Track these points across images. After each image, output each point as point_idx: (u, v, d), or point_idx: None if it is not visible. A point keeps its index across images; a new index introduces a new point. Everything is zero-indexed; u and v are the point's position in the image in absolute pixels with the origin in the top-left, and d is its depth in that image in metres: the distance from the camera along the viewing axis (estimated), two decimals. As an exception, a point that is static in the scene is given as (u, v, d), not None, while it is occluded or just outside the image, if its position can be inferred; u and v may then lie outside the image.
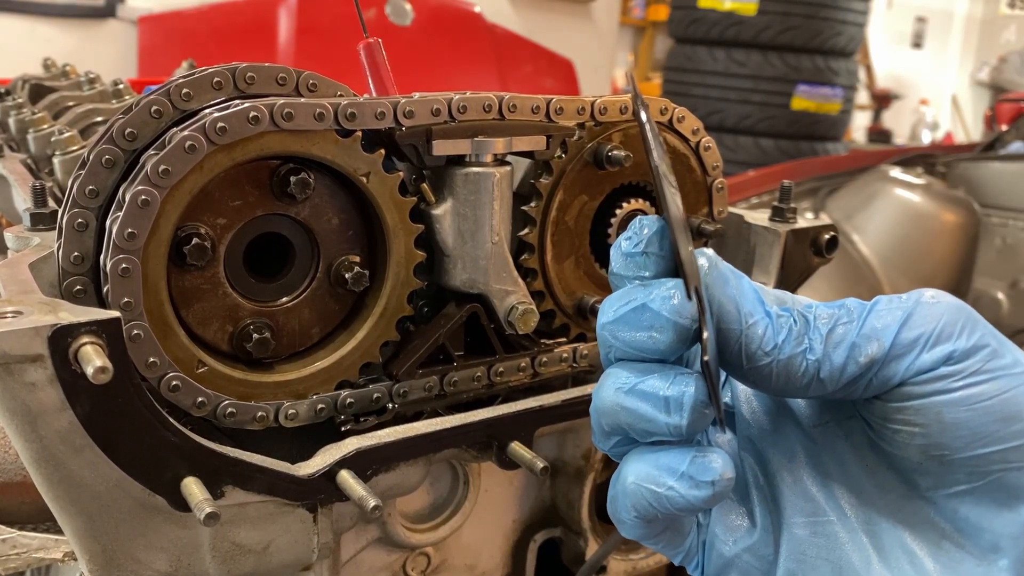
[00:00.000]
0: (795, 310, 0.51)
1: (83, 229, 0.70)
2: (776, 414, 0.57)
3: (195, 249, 0.69)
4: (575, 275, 0.90)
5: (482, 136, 0.80)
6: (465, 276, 0.83)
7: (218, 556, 0.71)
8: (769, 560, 0.55)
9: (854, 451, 0.54)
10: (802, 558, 0.54)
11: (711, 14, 5.72)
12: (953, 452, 0.48)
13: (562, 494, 0.95)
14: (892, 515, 0.53)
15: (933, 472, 0.50)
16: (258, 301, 0.76)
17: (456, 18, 4.61)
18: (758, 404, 0.58)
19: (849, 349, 0.49)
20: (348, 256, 0.79)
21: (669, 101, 0.91)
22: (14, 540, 0.99)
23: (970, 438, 0.48)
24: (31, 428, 0.59)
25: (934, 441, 0.49)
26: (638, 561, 1.01)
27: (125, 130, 0.69)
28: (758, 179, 3.39)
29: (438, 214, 0.81)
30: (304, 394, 0.77)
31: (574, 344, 0.92)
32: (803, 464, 0.55)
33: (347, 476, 0.72)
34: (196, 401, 0.71)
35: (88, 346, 0.56)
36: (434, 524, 0.88)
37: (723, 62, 5.67)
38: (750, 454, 0.57)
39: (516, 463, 0.82)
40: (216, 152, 0.68)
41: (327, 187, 0.76)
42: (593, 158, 0.87)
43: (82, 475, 0.62)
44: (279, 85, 0.75)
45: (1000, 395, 0.48)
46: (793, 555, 0.54)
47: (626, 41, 10.19)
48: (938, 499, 0.51)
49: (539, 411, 0.85)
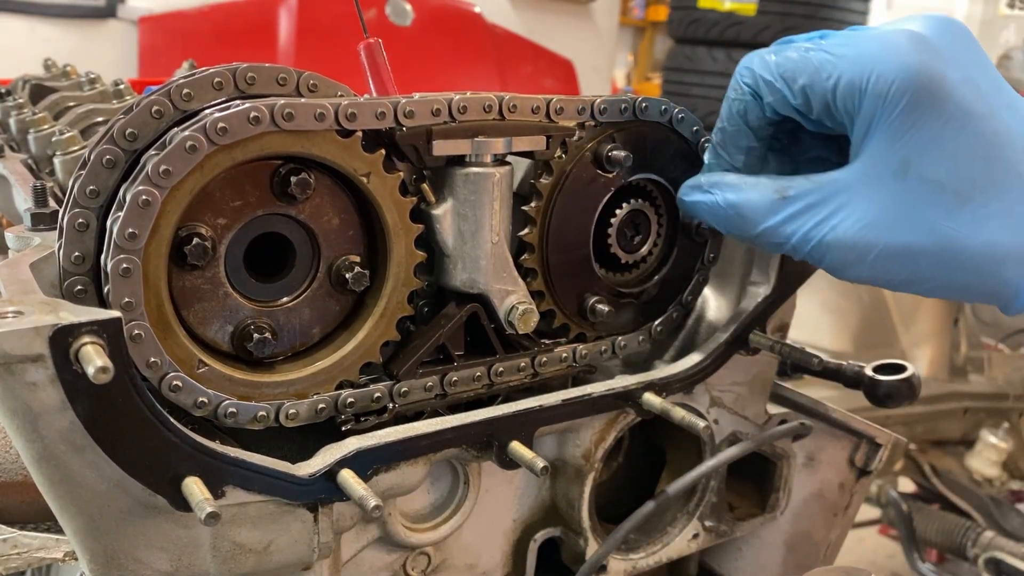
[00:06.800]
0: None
1: (84, 229, 0.70)
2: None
3: (196, 249, 0.70)
4: (575, 275, 0.90)
5: (482, 136, 0.80)
6: (465, 276, 0.83)
7: (219, 556, 0.71)
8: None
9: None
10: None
11: (711, 14, 5.72)
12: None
13: (562, 494, 0.95)
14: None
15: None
16: (259, 301, 0.76)
17: (456, 18, 4.61)
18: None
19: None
20: (348, 256, 0.79)
21: (669, 101, 0.91)
22: (15, 540, 0.99)
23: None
24: (32, 428, 0.59)
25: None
26: (638, 561, 1.01)
27: (126, 130, 0.69)
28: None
29: (438, 214, 0.81)
30: (305, 394, 0.77)
31: (574, 344, 0.92)
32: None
33: (347, 476, 0.73)
34: (197, 401, 0.71)
35: (89, 346, 0.56)
36: (434, 524, 0.88)
37: (723, 62, 5.67)
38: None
39: (516, 463, 0.82)
40: (217, 152, 0.68)
41: (327, 187, 0.77)
42: (593, 158, 0.87)
43: (83, 475, 0.62)
44: (279, 85, 0.75)
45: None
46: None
47: (626, 41, 10.18)
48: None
49: (539, 411, 0.85)
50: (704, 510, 1.04)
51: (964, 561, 2.81)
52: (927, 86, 0.71)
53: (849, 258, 0.75)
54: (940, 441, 3.11)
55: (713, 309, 1.06)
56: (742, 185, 0.82)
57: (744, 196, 0.81)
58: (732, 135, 0.84)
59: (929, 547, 2.90)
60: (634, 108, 0.89)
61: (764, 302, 0.99)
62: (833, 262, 0.76)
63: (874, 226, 0.74)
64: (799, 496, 1.13)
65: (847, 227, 0.74)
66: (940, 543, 2.84)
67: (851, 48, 0.75)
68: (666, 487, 0.95)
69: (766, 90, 0.80)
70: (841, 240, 0.75)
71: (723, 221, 0.83)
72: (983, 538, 2.72)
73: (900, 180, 0.73)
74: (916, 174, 0.72)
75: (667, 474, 1.06)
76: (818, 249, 0.76)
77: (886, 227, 0.73)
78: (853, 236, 0.74)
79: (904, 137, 0.72)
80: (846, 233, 0.74)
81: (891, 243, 0.73)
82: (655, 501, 0.94)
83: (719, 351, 0.98)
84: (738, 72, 0.83)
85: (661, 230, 0.95)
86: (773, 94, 0.79)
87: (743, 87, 0.82)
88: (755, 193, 0.80)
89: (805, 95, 0.77)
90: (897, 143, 0.72)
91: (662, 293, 0.97)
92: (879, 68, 0.72)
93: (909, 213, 0.73)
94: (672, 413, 0.90)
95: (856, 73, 0.74)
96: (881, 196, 0.73)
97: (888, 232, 0.73)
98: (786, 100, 0.79)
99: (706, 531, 1.05)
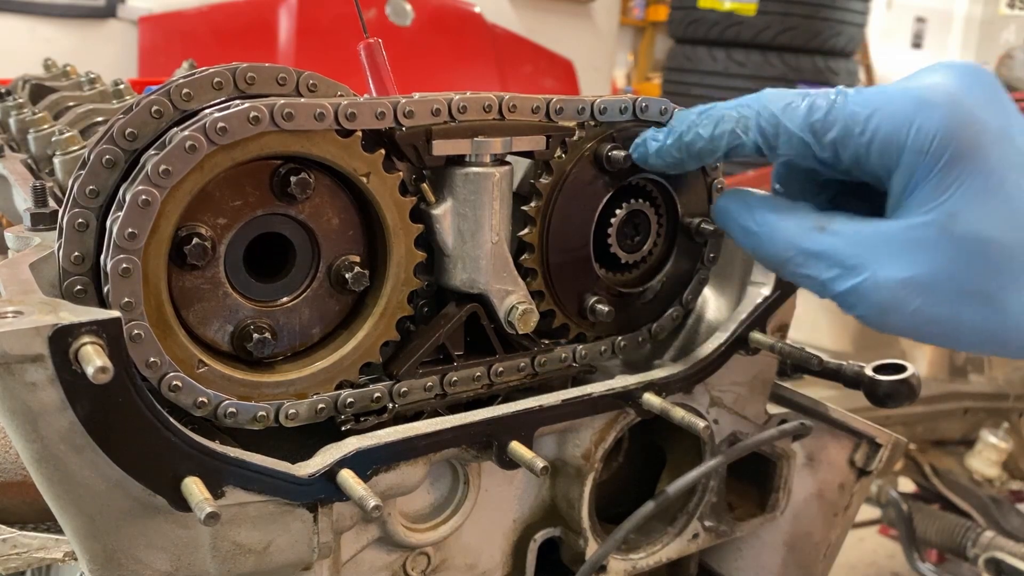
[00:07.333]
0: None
1: (83, 229, 0.70)
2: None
3: (196, 249, 0.70)
4: (575, 275, 0.90)
5: (482, 136, 0.80)
6: (465, 276, 0.83)
7: (218, 556, 0.71)
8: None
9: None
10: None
11: (711, 14, 5.72)
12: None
13: (562, 494, 0.95)
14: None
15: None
16: (258, 301, 0.76)
17: (456, 18, 4.61)
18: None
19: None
20: (348, 256, 0.79)
21: (669, 101, 0.91)
22: (15, 540, 0.99)
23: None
24: (32, 428, 0.59)
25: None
26: (638, 561, 1.01)
27: (125, 130, 0.69)
28: (758, 179, 3.39)
29: (438, 214, 0.81)
30: (304, 394, 0.77)
31: (574, 344, 0.92)
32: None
33: (347, 476, 0.72)
34: (196, 401, 0.71)
35: (88, 346, 0.56)
36: (434, 524, 0.88)
37: (723, 62, 5.67)
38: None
39: (516, 463, 0.82)
40: (216, 152, 0.68)
41: (327, 187, 0.77)
42: (593, 158, 0.87)
43: (82, 475, 0.62)
44: (279, 85, 0.75)
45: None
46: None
47: (626, 41, 10.18)
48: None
49: (539, 411, 0.85)
50: (704, 510, 1.04)
51: (964, 561, 2.81)
52: (969, 139, 0.70)
53: (886, 308, 0.73)
54: (940, 441, 3.11)
55: (713, 309, 1.06)
56: (781, 205, 0.81)
57: (781, 217, 0.79)
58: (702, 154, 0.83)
59: (929, 547, 2.91)
60: (634, 108, 0.89)
61: (764, 302, 0.99)
62: (868, 310, 0.74)
63: (916, 282, 0.72)
64: (799, 496, 1.13)
65: (887, 278, 0.72)
66: (940, 543, 2.83)
67: (885, 102, 0.73)
68: (666, 487, 0.95)
69: (785, 143, 0.77)
70: (879, 289, 0.73)
71: (751, 238, 0.81)
72: (983, 538, 2.72)
73: (947, 235, 0.71)
74: (963, 229, 0.70)
75: (667, 474, 1.06)
76: (853, 294, 0.74)
77: (928, 284, 0.71)
78: (892, 288, 0.72)
79: (948, 191, 0.71)
80: (886, 283, 0.72)
81: (933, 301, 0.72)
82: (655, 501, 0.94)
83: (719, 351, 0.98)
84: (757, 112, 0.79)
85: (661, 230, 0.95)
86: (793, 148, 0.77)
87: (754, 128, 0.79)
88: (793, 218, 0.79)
89: (835, 148, 0.75)
90: (942, 196, 0.71)
91: (662, 293, 0.97)
92: (919, 121, 0.71)
93: (955, 271, 0.71)
94: (672, 413, 0.90)
95: (894, 128, 0.72)
96: (926, 252, 0.71)
97: (930, 290, 0.71)
98: (810, 153, 0.77)
99: (706, 531, 1.05)
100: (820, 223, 0.77)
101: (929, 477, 3.03)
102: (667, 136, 0.84)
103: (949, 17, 12.90)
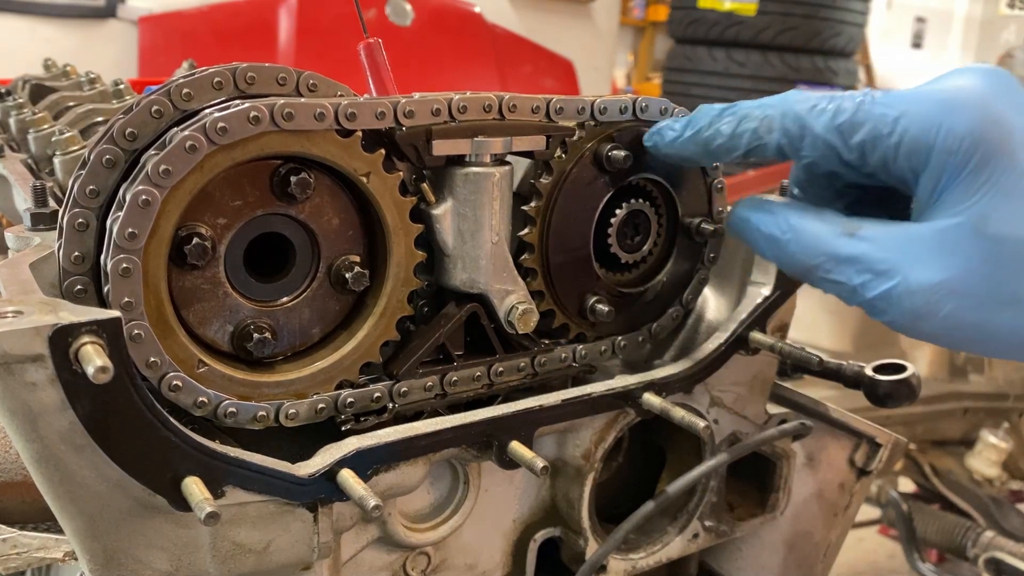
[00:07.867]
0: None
1: (84, 229, 0.70)
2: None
3: (196, 249, 0.70)
4: (575, 275, 0.90)
5: (482, 136, 0.80)
6: (465, 276, 0.83)
7: (218, 556, 0.71)
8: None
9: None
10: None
11: (711, 14, 5.73)
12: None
13: (562, 494, 0.95)
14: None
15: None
16: (258, 301, 0.76)
17: (456, 18, 4.60)
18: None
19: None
20: (348, 256, 0.79)
21: (669, 101, 0.91)
22: (15, 540, 0.99)
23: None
24: (32, 428, 0.59)
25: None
26: (638, 561, 1.01)
27: (126, 130, 0.69)
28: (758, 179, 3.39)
29: (438, 214, 0.81)
30: (304, 394, 0.77)
31: (574, 344, 0.92)
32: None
33: (347, 476, 0.72)
34: (196, 401, 0.71)
35: (88, 346, 0.56)
36: (434, 524, 0.88)
37: (723, 62, 5.67)
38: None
39: (516, 463, 0.82)
40: (216, 152, 0.68)
41: (327, 187, 0.77)
42: (593, 158, 0.87)
43: (82, 475, 0.62)
44: (279, 85, 0.75)
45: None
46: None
47: (626, 41, 10.18)
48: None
49: (539, 411, 0.85)
50: (704, 510, 1.04)
51: (964, 561, 2.81)
52: (998, 140, 0.70)
53: (919, 314, 0.72)
54: (940, 441, 3.11)
55: (713, 309, 1.06)
56: (806, 211, 0.80)
57: (807, 223, 0.79)
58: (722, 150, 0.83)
59: (929, 547, 2.91)
60: (634, 108, 0.89)
61: (764, 302, 0.99)
62: (899, 316, 0.73)
63: (948, 285, 0.71)
64: (799, 496, 1.13)
65: (919, 282, 0.71)
66: (940, 543, 2.84)
67: (913, 104, 0.73)
68: (666, 487, 0.95)
69: (810, 145, 0.77)
70: (911, 294, 0.71)
71: (775, 245, 0.81)
72: (983, 538, 2.72)
73: (979, 237, 0.70)
74: (995, 230, 0.70)
75: (667, 474, 1.06)
76: (884, 299, 0.73)
77: (961, 288, 0.71)
78: (924, 293, 0.71)
79: (979, 192, 0.70)
80: (918, 287, 0.71)
81: (966, 305, 0.71)
82: (655, 501, 0.94)
83: (719, 351, 0.98)
84: (782, 113, 0.79)
85: (661, 230, 0.95)
86: (818, 150, 0.77)
87: (778, 129, 0.79)
88: (820, 222, 0.78)
89: (862, 150, 0.75)
90: (973, 197, 0.70)
91: (662, 293, 0.97)
92: (948, 124, 0.71)
93: (988, 272, 0.70)
94: (672, 413, 0.90)
95: (922, 129, 0.72)
96: (958, 254, 0.71)
97: (963, 294, 0.71)
98: (835, 156, 0.77)
99: (706, 531, 1.05)
100: (849, 228, 0.76)
101: (929, 477, 3.03)
102: (685, 128, 0.84)
103: (949, 17, 12.90)
